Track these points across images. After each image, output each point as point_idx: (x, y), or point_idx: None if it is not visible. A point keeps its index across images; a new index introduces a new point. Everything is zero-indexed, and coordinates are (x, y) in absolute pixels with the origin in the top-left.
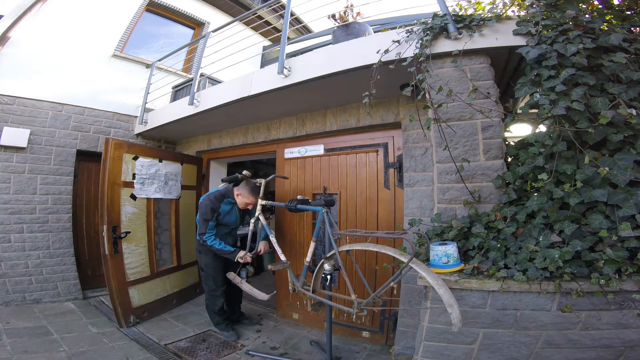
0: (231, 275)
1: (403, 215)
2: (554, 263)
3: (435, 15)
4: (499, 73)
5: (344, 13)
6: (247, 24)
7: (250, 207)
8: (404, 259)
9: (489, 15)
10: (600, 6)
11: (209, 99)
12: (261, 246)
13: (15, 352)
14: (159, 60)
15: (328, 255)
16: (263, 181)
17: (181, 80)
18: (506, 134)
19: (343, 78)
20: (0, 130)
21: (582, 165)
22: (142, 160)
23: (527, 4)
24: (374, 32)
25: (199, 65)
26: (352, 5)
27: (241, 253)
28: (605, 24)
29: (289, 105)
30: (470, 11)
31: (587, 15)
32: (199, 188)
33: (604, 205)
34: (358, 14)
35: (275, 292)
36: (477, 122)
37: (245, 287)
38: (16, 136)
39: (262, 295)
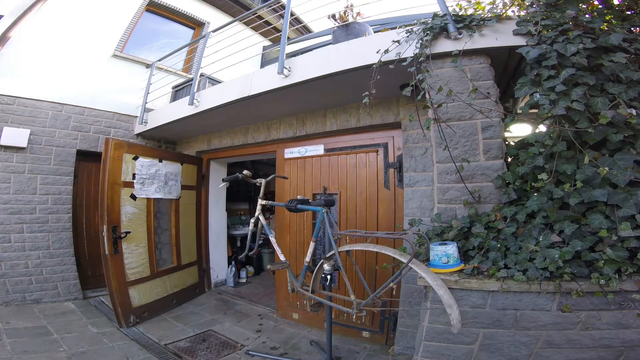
0: None
1: (403, 215)
2: (554, 263)
3: (435, 15)
4: (499, 73)
5: (344, 13)
6: (247, 24)
7: None
8: (404, 260)
9: (489, 15)
10: (600, 6)
11: (209, 99)
12: None
13: (15, 352)
14: (159, 60)
15: (327, 255)
16: (263, 181)
17: (181, 80)
18: (506, 134)
19: (343, 78)
20: (0, 130)
21: (582, 165)
22: (142, 160)
23: (527, 4)
24: (374, 32)
25: (199, 65)
26: (352, 5)
27: None
28: (605, 24)
29: (289, 105)
30: (470, 11)
31: (587, 15)
32: (199, 188)
33: (604, 205)
34: (358, 14)
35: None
36: (477, 122)
37: None
38: (16, 136)
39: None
